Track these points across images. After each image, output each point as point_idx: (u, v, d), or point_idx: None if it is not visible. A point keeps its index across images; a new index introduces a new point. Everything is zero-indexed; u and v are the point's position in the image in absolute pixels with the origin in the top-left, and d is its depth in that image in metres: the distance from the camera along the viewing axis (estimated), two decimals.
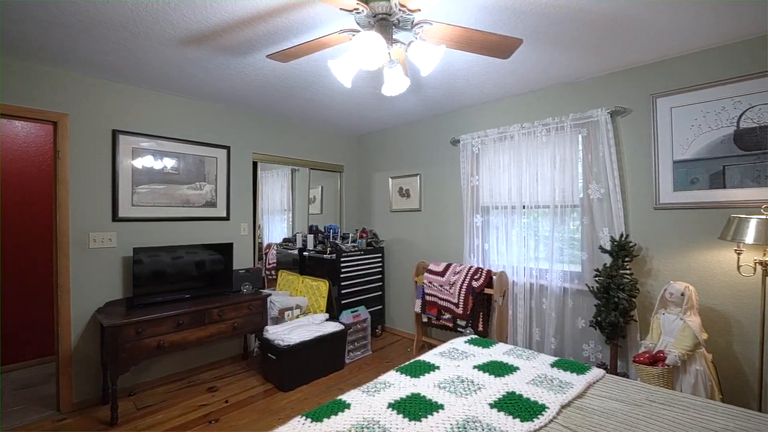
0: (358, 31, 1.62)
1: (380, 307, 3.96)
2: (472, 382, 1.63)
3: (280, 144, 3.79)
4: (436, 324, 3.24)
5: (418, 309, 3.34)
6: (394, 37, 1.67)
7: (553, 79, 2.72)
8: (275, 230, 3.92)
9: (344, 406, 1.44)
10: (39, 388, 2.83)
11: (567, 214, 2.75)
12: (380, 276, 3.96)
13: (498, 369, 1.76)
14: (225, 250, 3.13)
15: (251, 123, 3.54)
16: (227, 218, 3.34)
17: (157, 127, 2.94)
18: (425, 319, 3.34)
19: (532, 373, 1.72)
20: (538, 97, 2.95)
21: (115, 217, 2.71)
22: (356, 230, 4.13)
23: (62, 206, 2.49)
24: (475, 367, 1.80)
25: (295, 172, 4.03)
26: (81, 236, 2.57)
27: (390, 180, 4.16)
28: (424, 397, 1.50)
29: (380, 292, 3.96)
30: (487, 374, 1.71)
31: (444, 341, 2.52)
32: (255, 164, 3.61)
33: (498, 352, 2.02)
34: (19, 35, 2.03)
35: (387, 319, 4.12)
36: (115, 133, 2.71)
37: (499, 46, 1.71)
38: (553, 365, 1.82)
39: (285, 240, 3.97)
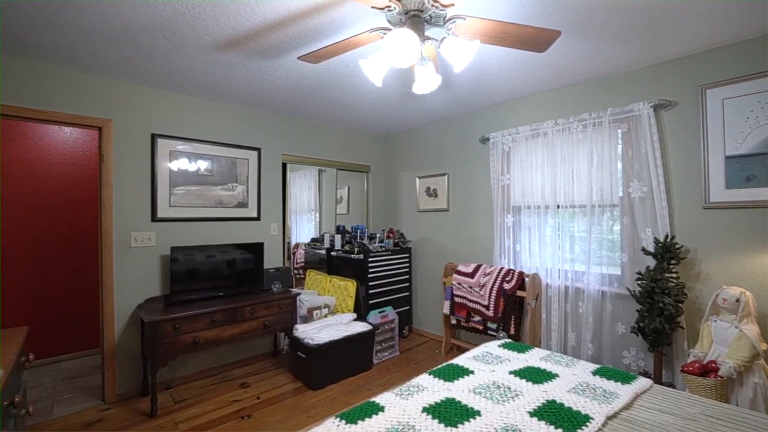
0: (389, 29, 1.60)
1: (408, 307, 3.94)
2: (509, 388, 1.57)
3: (309, 145, 3.84)
4: (465, 326, 3.17)
5: (446, 310, 3.29)
6: (426, 33, 1.64)
7: (590, 72, 2.59)
8: (303, 230, 3.98)
9: (378, 408, 1.43)
10: (86, 378, 3.00)
11: (605, 213, 2.62)
12: (408, 276, 3.93)
13: (536, 375, 1.69)
14: (256, 249, 3.20)
15: (281, 125, 3.60)
16: (258, 218, 3.41)
17: (192, 130, 3.04)
18: (454, 321, 3.28)
19: (573, 380, 1.64)
20: (574, 92, 2.82)
21: (154, 218, 2.83)
22: (383, 230, 4.12)
23: (106, 207, 2.62)
24: (511, 372, 1.74)
25: (322, 173, 4.07)
26: (123, 236, 2.70)
27: (417, 180, 4.12)
28: (459, 402, 1.46)
29: (408, 293, 3.93)
30: (524, 380, 1.64)
31: (473, 344, 2.46)
32: (284, 165, 3.67)
33: (534, 357, 1.94)
34: (67, 47, 2.15)
35: (414, 320, 4.09)
36: (153, 137, 2.83)
37: (535, 39, 1.65)
38: (595, 373, 1.72)
39: (313, 240, 4.01)
